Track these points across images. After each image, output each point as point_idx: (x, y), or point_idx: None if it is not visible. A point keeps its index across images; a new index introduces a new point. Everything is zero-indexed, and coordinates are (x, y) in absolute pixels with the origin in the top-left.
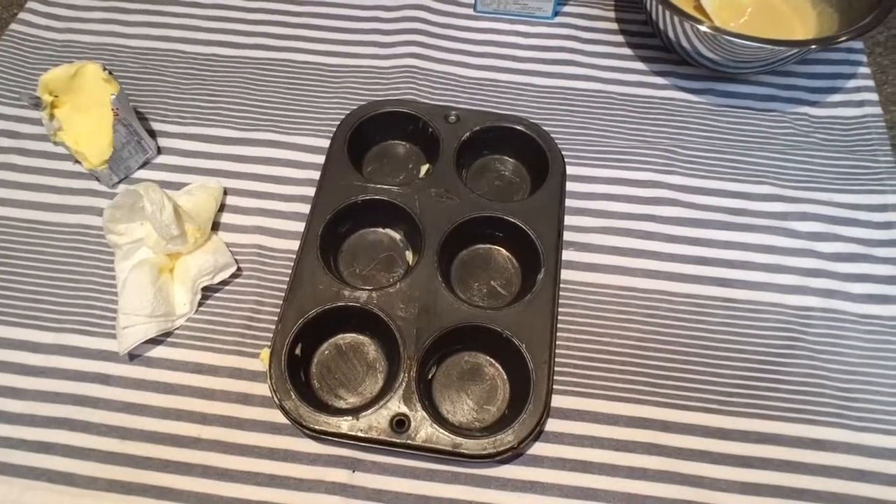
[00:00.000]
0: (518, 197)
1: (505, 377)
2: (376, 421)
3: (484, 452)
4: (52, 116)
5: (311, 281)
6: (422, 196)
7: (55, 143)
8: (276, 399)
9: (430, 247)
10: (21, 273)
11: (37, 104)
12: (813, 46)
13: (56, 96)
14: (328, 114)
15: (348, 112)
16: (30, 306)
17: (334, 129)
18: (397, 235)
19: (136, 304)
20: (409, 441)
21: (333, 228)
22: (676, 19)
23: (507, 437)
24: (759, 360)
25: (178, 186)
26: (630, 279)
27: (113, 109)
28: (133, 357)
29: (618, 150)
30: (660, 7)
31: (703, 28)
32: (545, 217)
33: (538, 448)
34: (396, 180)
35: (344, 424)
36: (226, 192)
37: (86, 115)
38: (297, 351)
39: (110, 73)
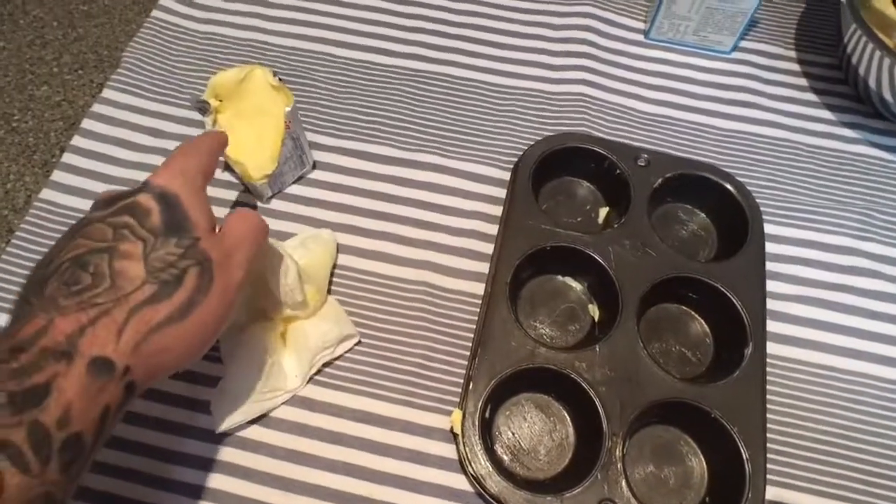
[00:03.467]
0: (704, 253)
1: (702, 458)
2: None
3: None
4: (214, 122)
5: (502, 335)
6: (615, 247)
7: None
8: (471, 469)
9: (628, 306)
10: None
11: (203, 109)
12: None
13: (220, 100)
14: (497, 140)
15: (518, 140)
16: None
17: (503, 157)
18: (579, 286)
19: (244, 384)
20: None
21: (517, 274)
22: (886, 63)
23: None
24: None
25: (334, 207)
26: (830, 357)
27: (286, 122)
28: (295, 399)
29: (808, 209)
30: (867, 48)
31: None
32: (750, 283)
33: None
34: (574, 222)
35: None
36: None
37: (247, 123)
38: (487, 413)
39: (280, 79)
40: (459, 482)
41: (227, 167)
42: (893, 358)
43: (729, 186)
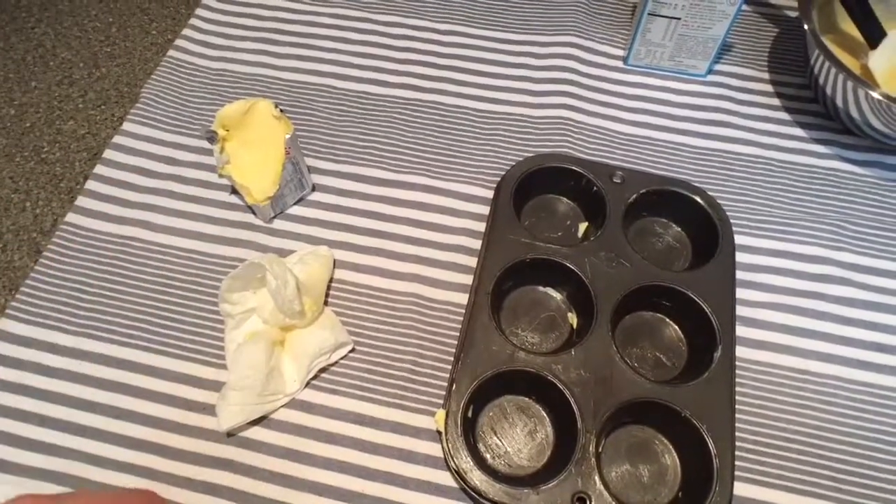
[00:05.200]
0: (679, 264)
1: (675, 455)
2: (557, 497)
3: None
4: (222, 150)
5: (484, 340)
6: (592, 259)
7: (220, 176)
8: (453, 464)
9: (603, 313)
10: (182, 305)
11: (212, 138)
12: None
13: (227, 130)
14: (482, 161)
15: (502, 161)
16: (197, 340)
17: (488, 177)
18: (559, 295)
19: (248, 382)
20: None
21: (499, 285)
22: (850, 85)
23: None
24: None
25: (331, 226)
26: (802, 361)
27: (286, 148)
28: (294, 402)
29: (781, 221)
30: (831, 71)
31: (876, 95)
32: (720, 291)
33: None
34: (555, 237)
35: (522, 497)
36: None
37: (252, 150)
38: (469, 413)
39: (282, 111)
40: (444, 479)
41: (234, 190)
42: (864, 361)
43: (700, 200)
